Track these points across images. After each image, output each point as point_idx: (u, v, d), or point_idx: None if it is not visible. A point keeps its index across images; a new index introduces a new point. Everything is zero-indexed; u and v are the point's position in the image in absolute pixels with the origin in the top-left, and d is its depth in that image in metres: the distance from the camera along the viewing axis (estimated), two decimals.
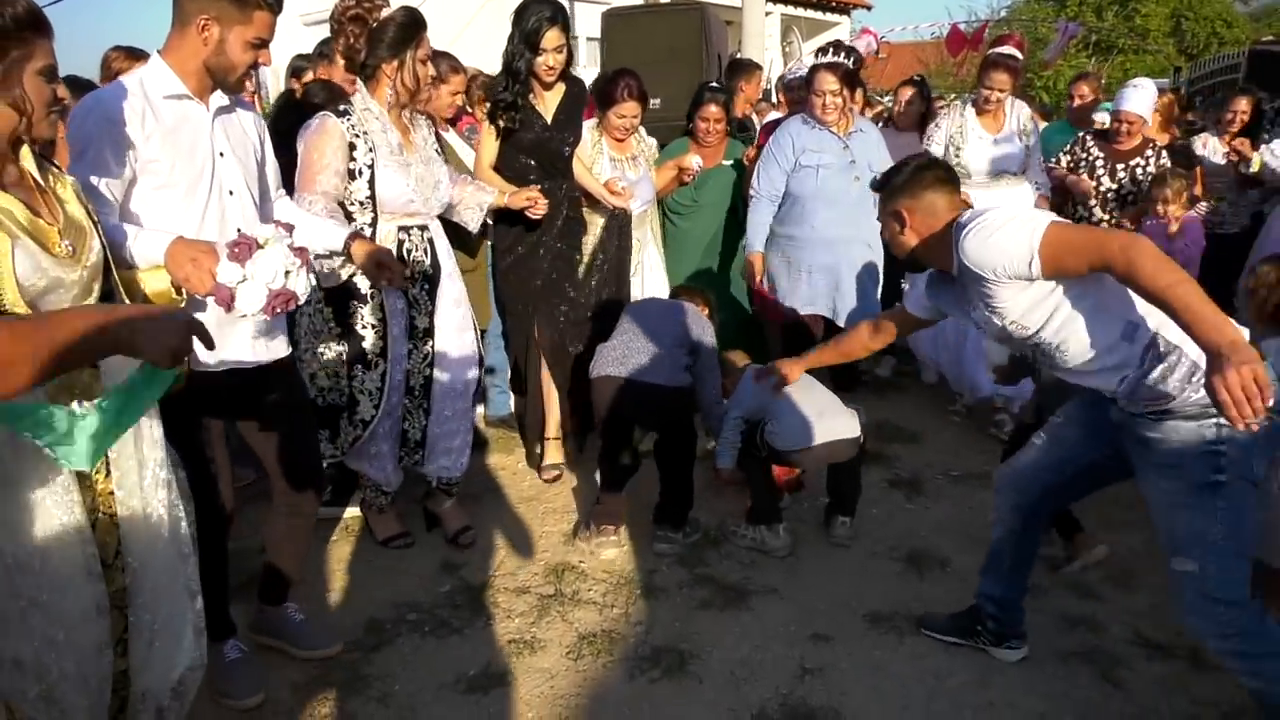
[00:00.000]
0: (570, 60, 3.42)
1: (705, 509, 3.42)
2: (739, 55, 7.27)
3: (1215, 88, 10.83)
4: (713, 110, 4.33)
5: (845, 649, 2.65)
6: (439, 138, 3.21)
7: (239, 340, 2.23)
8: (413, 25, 2.75)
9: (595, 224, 3.82)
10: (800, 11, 18.93)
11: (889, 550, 3.22)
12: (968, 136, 4.48)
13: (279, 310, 1.92)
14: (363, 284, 2.83)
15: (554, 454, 3.88)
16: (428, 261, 2.97)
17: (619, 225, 3.85)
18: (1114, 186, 4.59)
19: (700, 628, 2.76)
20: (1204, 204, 4.88)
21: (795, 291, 4.24)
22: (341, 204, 2.80)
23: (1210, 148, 5.13)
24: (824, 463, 3.25)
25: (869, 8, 21.52)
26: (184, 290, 1.90)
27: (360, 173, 2.78)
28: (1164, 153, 4.66)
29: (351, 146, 2.76)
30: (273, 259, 1.88)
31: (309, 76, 4.14)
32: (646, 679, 2.52)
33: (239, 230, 2.01)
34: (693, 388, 3.27)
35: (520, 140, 3.46)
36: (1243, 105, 5.13)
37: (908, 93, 5.24)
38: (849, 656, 2.62)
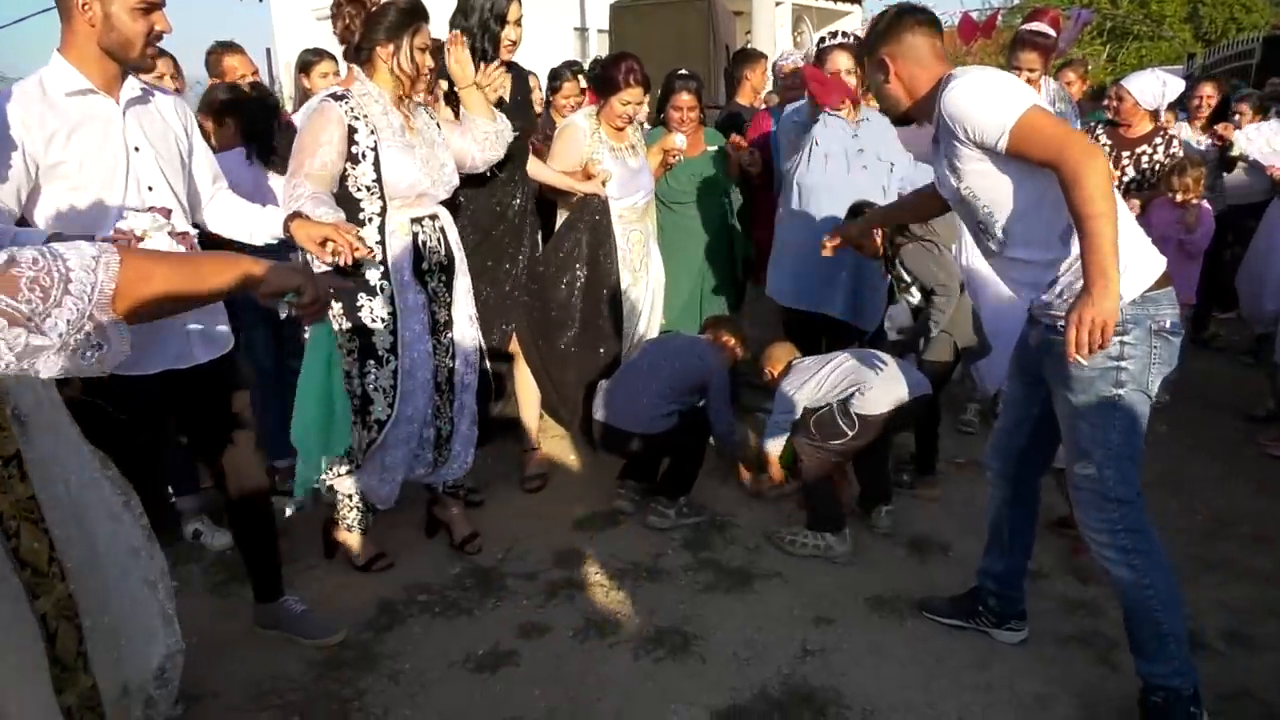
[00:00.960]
0: None
1: (710, 495, 3.47)
2: (748, 46, 7.27)
3: (1229, 74, 10.76)
4: (684, 98, 4.16)
5: (847, 631, 2.70)
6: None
7: (170, 344, 2.22)
8: (412, 12, 2.67)
9: (562, 216, 3.73)
10: (811, 1, 18.85)
11: (891, 536, 3.26)
12: None
13: None
14: (371, 276, 2.72)
15: (533, 464, 3.77)
16: (443, 251, 2.88)
17: (594, 212, 3.65)
18: (1118, 174, 4.56)
19: (704, 610, 2.81)
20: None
21: (803, 281, 3.97)
22: (349, 193, 2.70)
23: (1184, 134, 5.18)
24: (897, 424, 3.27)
25: None
26: None
27: (364, 155, 2.68)
28: (1175, 140, 4.65)
29: (351, 130, 2.66)
30: (155, 246, 1.80)
31: (317, 71, 4.17)
32: (651, 659, 2.57)
33: (115, 225, 1.93)
34: (676, 429, 3.31)
35: None
36: (1208, 90, 5.33)
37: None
38: (850, 639, 2.66)
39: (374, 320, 2.78)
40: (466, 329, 3.01)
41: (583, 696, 2.42)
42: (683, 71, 4.30)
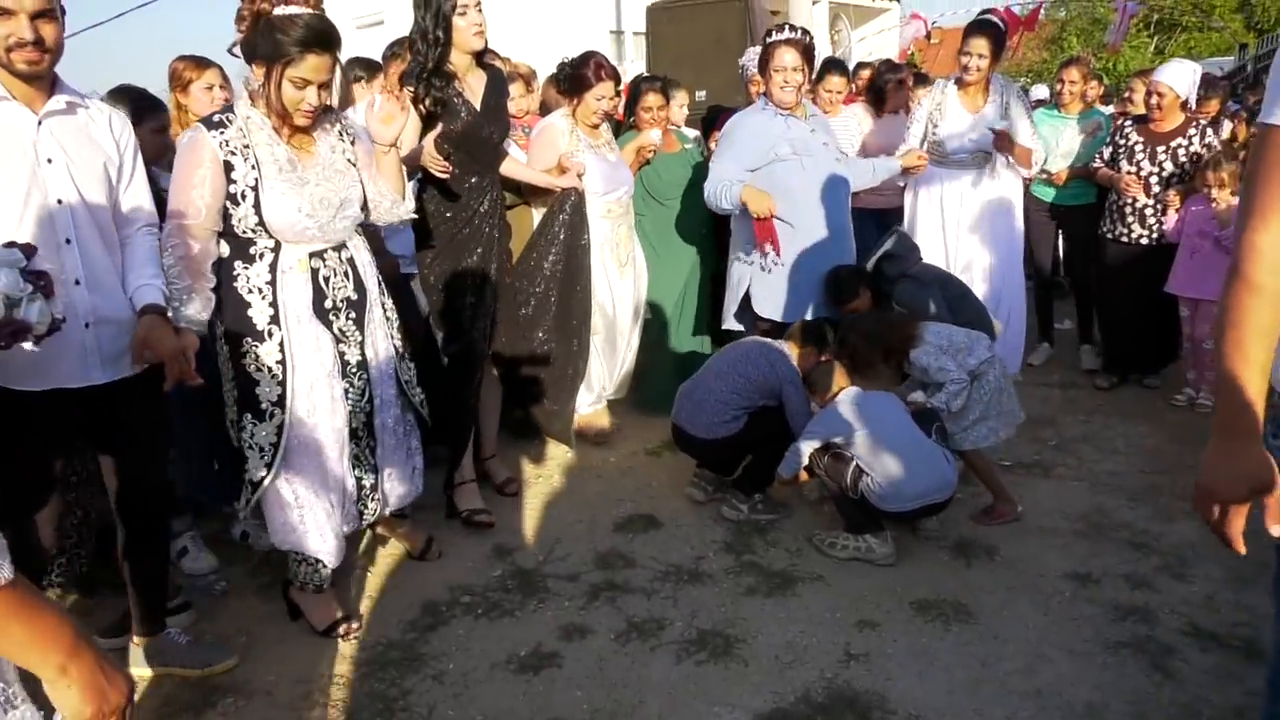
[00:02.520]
0: (485, 37, 3.15)
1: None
2: None
3: None
4: (652, 99, 4.19)
5: (891, 635, 2.67)
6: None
7: (64, 362, 2.11)
8: (301, 41, 2.31)
9: (536, 215, 3.75)
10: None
11: (937, 538, 3.21)
12: (945, 114, 4.39)
13: (4, 345, 1.72)
14: (259, 317, 2.45)
15: (471, 497, 3.39)
16: (350, 287, 2.59)
17: (571, 206, 3.64)
18: (1155, 170, 4.47)
19: (746, 613, 2.80)
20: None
21: (794, 298, 3.72)
22: (234, 232, 2.45)
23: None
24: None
25: None
26: None
27: (244, 195, 2.38)
28: (1209, 130, 4.53)
29: (228, 166, 2.37)
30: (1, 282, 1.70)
31: (364, 85, 4.14)
32: (693, 661, 2.57)
33: None
34: (739, 435, 3.31)
35: (449, 130, 3.09)
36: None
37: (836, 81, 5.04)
38: (895, 643, 2.63)
39: (258, 369, 2.46)
40: (388, 364, 2.72)
41: (625, 698, 2.42)
42: (648, 75, 4.35)
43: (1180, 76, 4.43)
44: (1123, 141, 4.59)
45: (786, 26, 3.72)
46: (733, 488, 3.43)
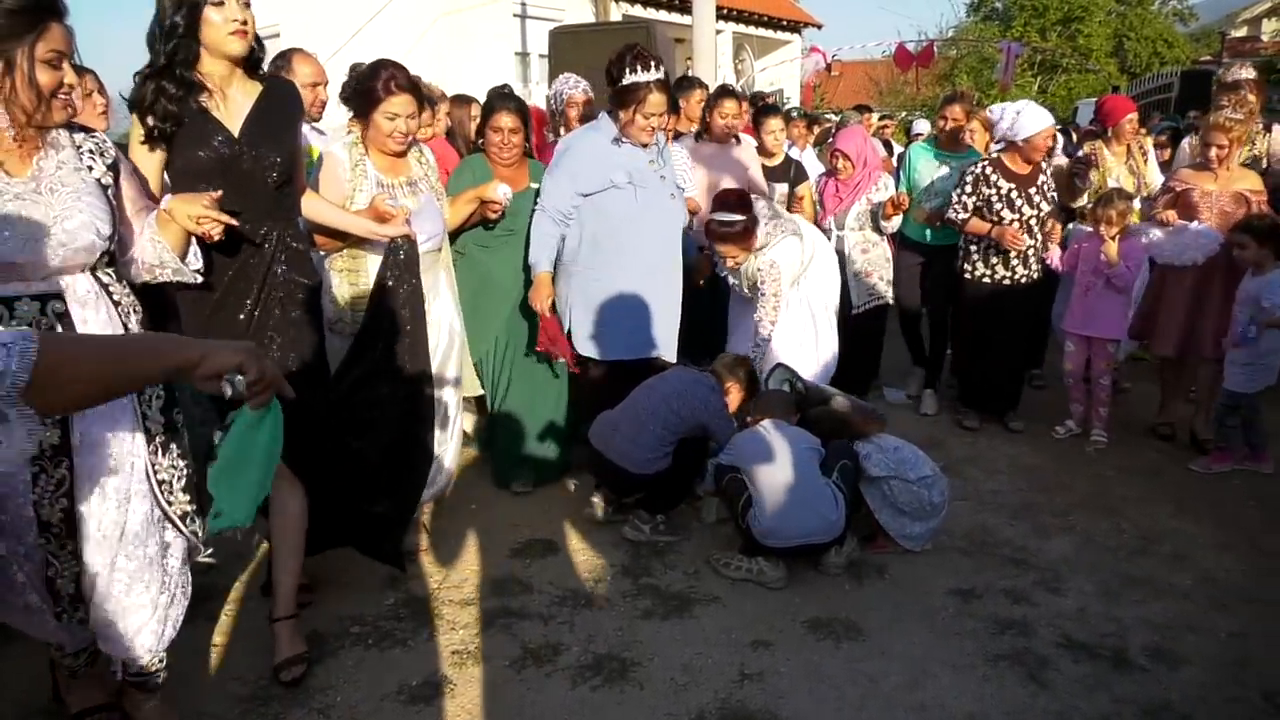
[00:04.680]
0: (259, 41, 2.41)
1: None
2: (688, 73, 7.36)
3: (1151, 107, 11.23)
4: (506, 120, 3.55)
5: (784, 654, 2.71)
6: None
7: None
8: (30, 9, 1.80)
9: (363, 269, 2.99)
10: (751, 30, 19.24)
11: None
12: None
13: None
14: None
15: (292, 641, 2.63)
16: None
17: (402, 258, 2.89)
18: (1034, 212, 4.42)
19: (643, 636, 2.80)
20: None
21: (615, 335, 3.58)
22: None
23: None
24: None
25: (819, 26, 21.90)
26: None
27: None
28: (1051, 152, 4.75)
29: None
30: None
31: None
32: (588, 687, 2.55)
33: None
34: (670, 470, 3.33)
35: (191, 158, 2.35)
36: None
37: (730, 105, 4.82)
38: (788, 662, 2.67)
39: None
40: (113, 449, 2.02)
41: None
42: (505, 89, 3.70)
43: (1043, 119, 4.40)
44: (992, 190, 4.40)
45: (653, 64, 3.41)
46: (637, 508, 3.43)
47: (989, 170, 4.44)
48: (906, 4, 44.14)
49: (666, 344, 3.69)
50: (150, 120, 2.31)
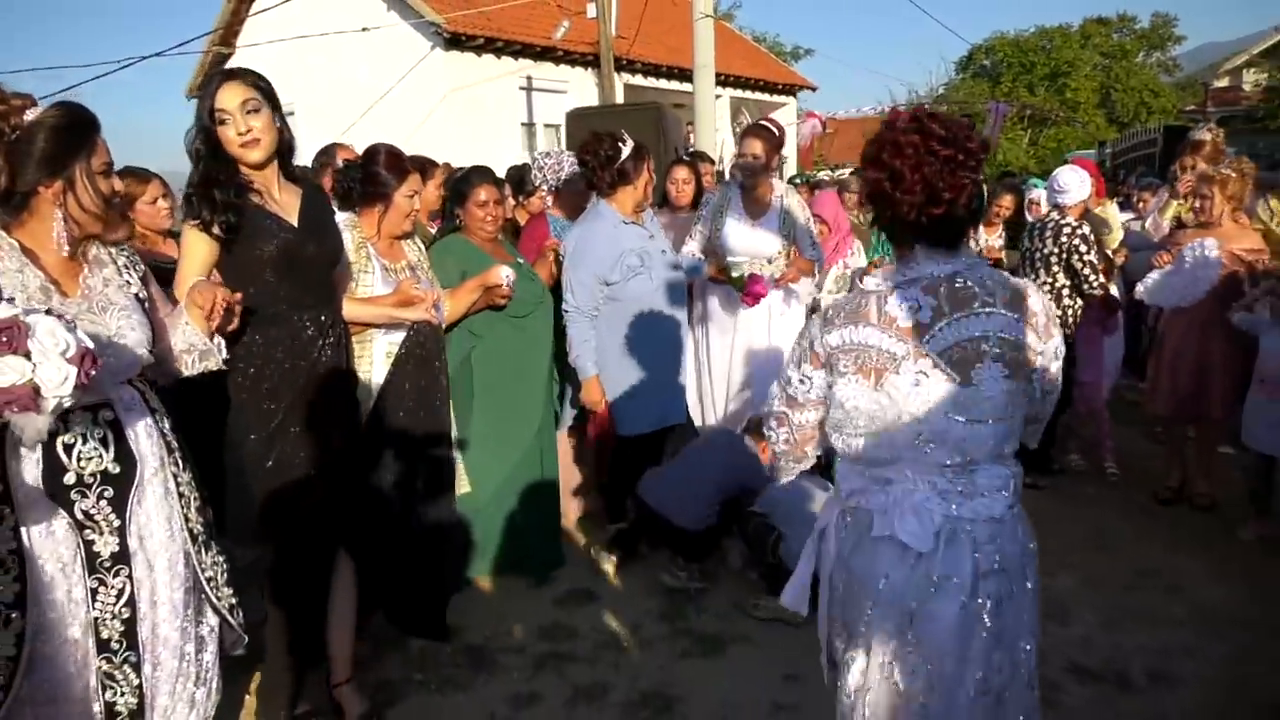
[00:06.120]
0: (291, 149, 2.56)
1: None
2: (692, 148, 7.78)
3: (1136, 161, 11.68)
4: (490, 193, 3.44)
5: (813, 687, 2.92)
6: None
7: None
8: (80, 127, 1.95)
9: (368, 363, 2.96)
10: (748, 94, 19.95)
11: None
12: (726, 219, 4.33)
13: (92, 373, 1.64)
14: (26, 436, 1.81)
15: (360, 699, 2.84)
16: (109, 458, 1.99)
17: (423, 342, 2.98)
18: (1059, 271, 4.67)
19: (683, 675, 3.05)
20: None
21: (638, 411, 3.80)
22: None
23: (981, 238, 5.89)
24: None
25: (814, 89, 22.65)
26: None
27: None
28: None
29: None
30: (47, 323, 1.58)
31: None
32: None
33: None
34: (720, 525, 3.64)
35: (259, 253, 2.46)
36: (1007, 201, 5.90)
37: (682, 172, 5.01)
38: (815, 693, 2.89)
39: None
40: (166, 553, 2.10)
41: None
42: (480, 166, 3.66)
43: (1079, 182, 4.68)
44: (1074, 249, 4.51)
45: (627, 139, 3.70)
46: (676, 557, 3.70)
47: (1073, 233, 4.55)
48: (896, 64, 45.26)
49: (681, 409, 4.03)
50: (206, 213, 2.39)
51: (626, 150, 3.69)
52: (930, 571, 1.69)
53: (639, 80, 17.34)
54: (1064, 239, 4.56)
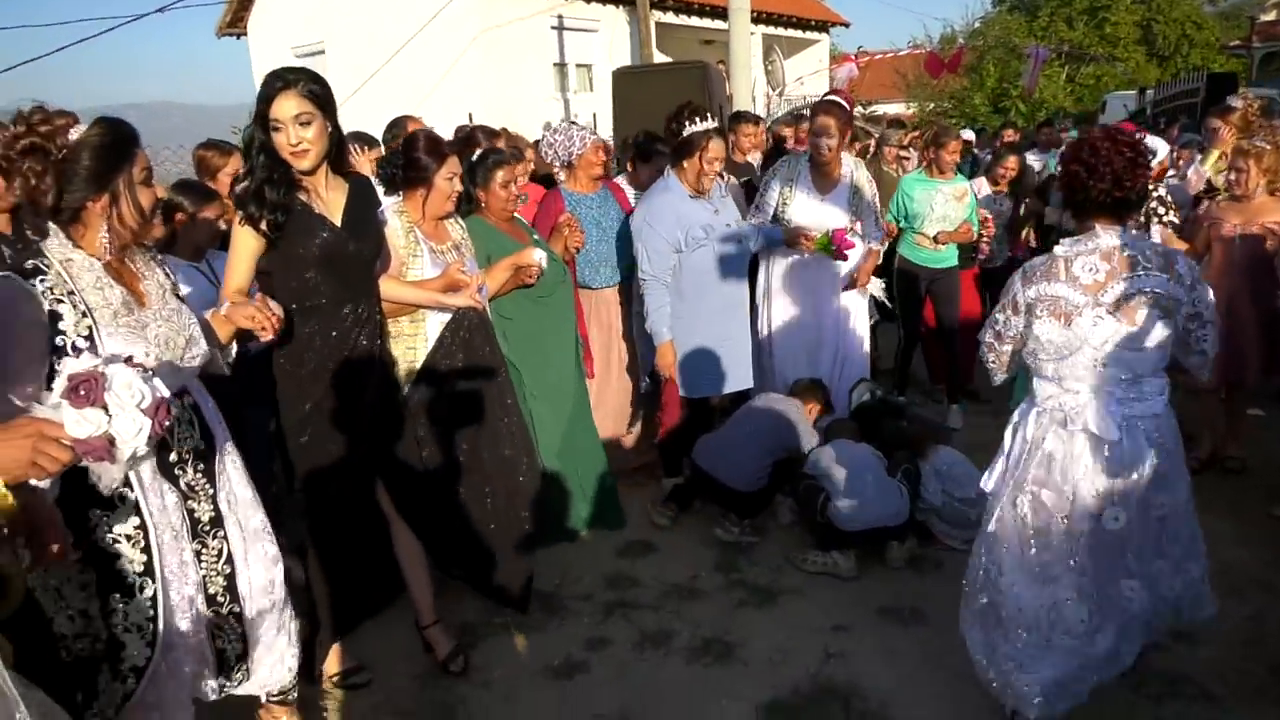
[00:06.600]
0: (341, 147, 2.71)
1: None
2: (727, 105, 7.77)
3: (1177, 110, 11.53)
4: (504, 175, 3.50)
5: (861, 637, 3.22)
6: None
7: None
8: (122, 143, 2.07)
9: (423, 340, 3.07)
10: (781, 31, 19.62)
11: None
12: (795, 192, 4.46)
13: (165, 424, 1.73)
14: (104, 482, 2.05)
15: (446, 639, 3.14)
16: (197, 435, 2.26)
17: (469, 326, 3.11)
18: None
19: (740, 623, 3.32)
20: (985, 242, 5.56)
21: (701, 376, 4.07)
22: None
23: (983, 190, 5.96)
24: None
25: (847, 25, 22.24)
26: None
27: (74, 349, 1.95)
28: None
29: (54, 316, 1.97)
30: (124, 374, 1.63)
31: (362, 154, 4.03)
32: (700, 665, 3.08)
33: (65, 377, 1.62)
34: (771, 485, 3.89)
35: (304, 251, 2.64)
36: (1011, 163, 6.00)
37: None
38: (864, 642, 3.18)
39: (115, 541, 2.09)
40: (249, 514, 2.40)
41: (649, 695, 2.92)
42: (500, 147, 3.75)
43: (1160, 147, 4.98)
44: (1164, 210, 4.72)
45: (707, 115, 3.87)
46: (729, 513, 3.95)
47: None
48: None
49: (744, 376, 4.22)
50: (256, 211, 2.57)
51: (698, 124, 3.82)
52: (1115, 451, 2.39)
53: (671, 18, 17.13)
54: (1147, 203, 4.65)
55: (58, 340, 1.97)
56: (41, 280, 1.98)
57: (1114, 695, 2.84)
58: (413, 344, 3.06)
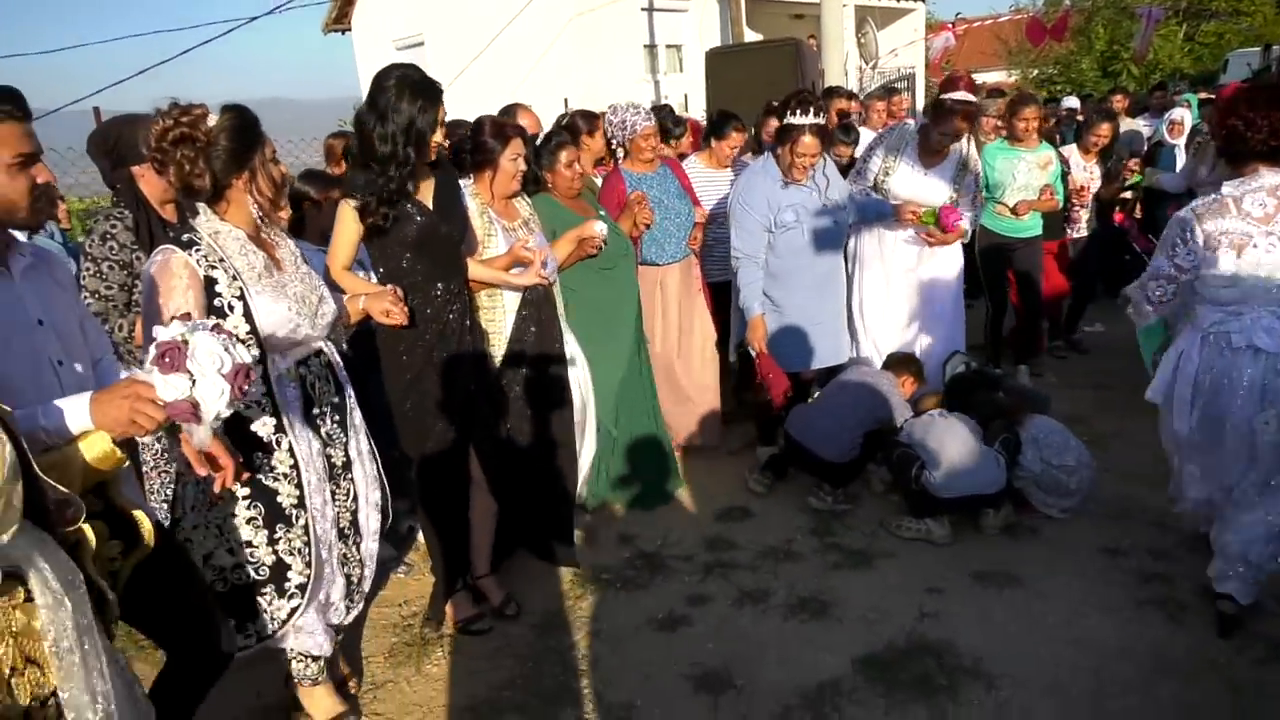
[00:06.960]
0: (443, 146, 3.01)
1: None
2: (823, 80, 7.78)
3: None
4: (566, 156, 3.69)
5: (955, 598, 3.30)
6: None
7: None
8: (253, 125, 2.34)
9: (501, 313, 3.34)
10: (874, 1, 19.19)
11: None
12: (899, 163, 4.49)
13: (247, 390, 1.80)
14: (263, 429, 2.39)
15: (500, 588, 3.40)
16: (332, 389, 2.62)
17: (539, 301, 3.37)
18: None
19: (835, 583, 3.44)
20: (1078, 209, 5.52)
21: (793, 352, 4.23)
22: None
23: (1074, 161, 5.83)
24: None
25: None
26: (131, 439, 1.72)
27: (230, 308, 2.30)
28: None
29: (210, 281, 2.28)
30: (206, 343, 1.72)
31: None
32: (797, 620, 3.22)
33: (153, 342, 1.74)
34: (863, 456, 3.99)
35: (402, 235, 2.91)
36: (1104, 130, 5.87)
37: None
38: (959, 604, 3.26)
39: (275, 479, 2.44)
40: (369, 466, 2.75)
41: (749, 648, 3.08)
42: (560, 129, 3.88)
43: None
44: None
45: (812, 110, 3.94)
46: (823, 482, 4.07)
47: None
48: None
49: (836, 349, 4.33)
50: (372, 203, 2.85)
51: (799, 116, 3.93)
52: (1276, 364, 2.77)
53: None
54: None
55: (215, 302, 2.30)
56: (195, 250, 2.29)
57: (1216, 656, 2.87)
58: (491, 316, 3.34)
